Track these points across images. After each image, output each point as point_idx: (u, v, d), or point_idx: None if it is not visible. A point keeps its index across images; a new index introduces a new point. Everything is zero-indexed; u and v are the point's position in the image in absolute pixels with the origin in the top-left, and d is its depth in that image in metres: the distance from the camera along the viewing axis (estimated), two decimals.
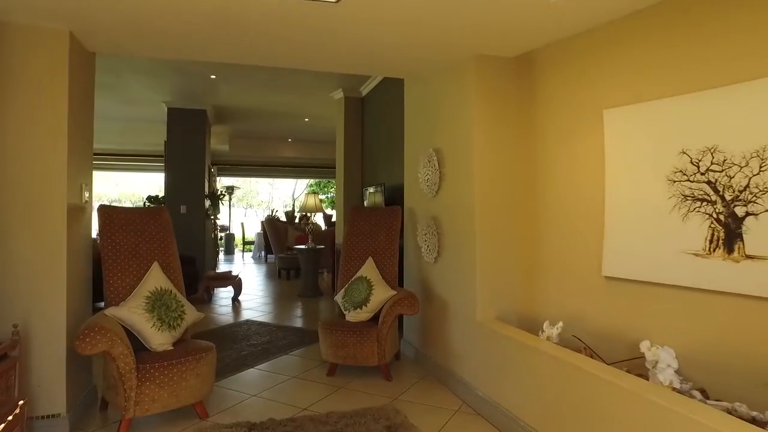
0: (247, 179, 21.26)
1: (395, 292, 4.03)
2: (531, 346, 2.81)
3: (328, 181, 19.04)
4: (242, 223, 15.91)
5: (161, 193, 9.09)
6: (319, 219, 13.95)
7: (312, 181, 19.37)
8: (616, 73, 2.83)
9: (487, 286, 3.46)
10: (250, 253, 14.98)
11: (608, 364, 2.54)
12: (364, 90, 7.28)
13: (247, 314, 6.43)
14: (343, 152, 7.46)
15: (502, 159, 3.53)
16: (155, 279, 3.33)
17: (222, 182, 14.26)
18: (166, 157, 8.42)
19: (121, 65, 6.19)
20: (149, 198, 9.16)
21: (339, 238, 7.17)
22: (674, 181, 2.46)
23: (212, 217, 9.48)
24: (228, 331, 5.49)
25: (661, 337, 2.51)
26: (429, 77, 4.15)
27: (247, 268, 11.57)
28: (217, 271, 9.38)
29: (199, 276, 7.25)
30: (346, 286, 4.28)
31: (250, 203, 24.33)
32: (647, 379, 2.33)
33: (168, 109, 8.23)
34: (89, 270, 3.46)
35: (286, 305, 7.17)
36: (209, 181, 9.15)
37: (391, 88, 6.00)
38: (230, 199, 14.64)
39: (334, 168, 7.94)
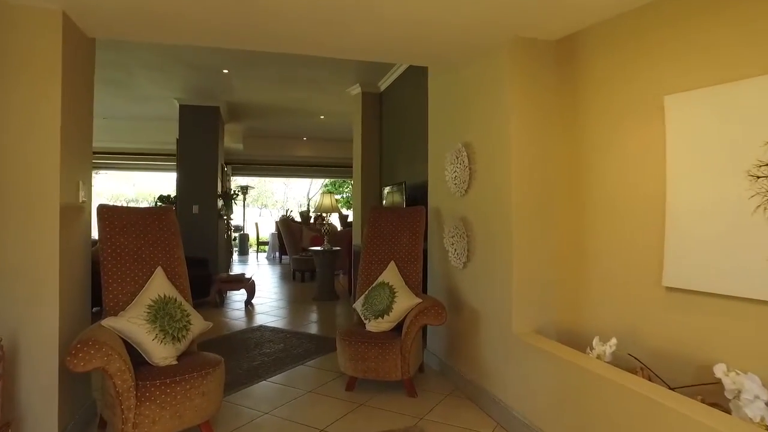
0: (262, 179, 21.13)
1: (420, 300, 3.69)
2: (580, 366, 2.45)
3: (344, 181, 18.77)
4: (256, 224, 15.73)
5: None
6: (334, 219, 13.66)
7: (327, 180, 19.12)
8: (682, 54, 2.45)
9: (524, 295, 3.10)
10: (264, 254, 14.76)
11: (672, 389, 2.18)
12: (383, 85, 6.95)
13: (260, 319, 6.14)
14: (361, 150, 7.14)
15: (543, 154, 3.16)
16: (159, 286, 3.03)
17: (236, 182, 14.06)
18: (178, 156, 8.17)
19: (131, 61, 5.92)
20: (161, 198, 8.94)
21: (356, 239, 6.86)
22: (758, 177, 2.08)
23: (225, 217, 9.23)
24: (240, 338, 5.20)
25: (739, 360, 2.13)
26: (458, 64, 3.79)
27: (261, 270, 11.32)
28: (230, 272, 9.14)
29: (211, 279, 6.99)
30: (366, 292, 3.95)
31: (265, 203, 24.19)
32: (729, 413, 1.97)
33: (180, 106, 7.98)
34: (87, 275, 3.18)
35: (300, 309, 6.87)
36: (222, 181, 8.90)
37: (412, 82, 5.67)
38: (244, 199, 14.44)
39: (350, 167, 7.63)
